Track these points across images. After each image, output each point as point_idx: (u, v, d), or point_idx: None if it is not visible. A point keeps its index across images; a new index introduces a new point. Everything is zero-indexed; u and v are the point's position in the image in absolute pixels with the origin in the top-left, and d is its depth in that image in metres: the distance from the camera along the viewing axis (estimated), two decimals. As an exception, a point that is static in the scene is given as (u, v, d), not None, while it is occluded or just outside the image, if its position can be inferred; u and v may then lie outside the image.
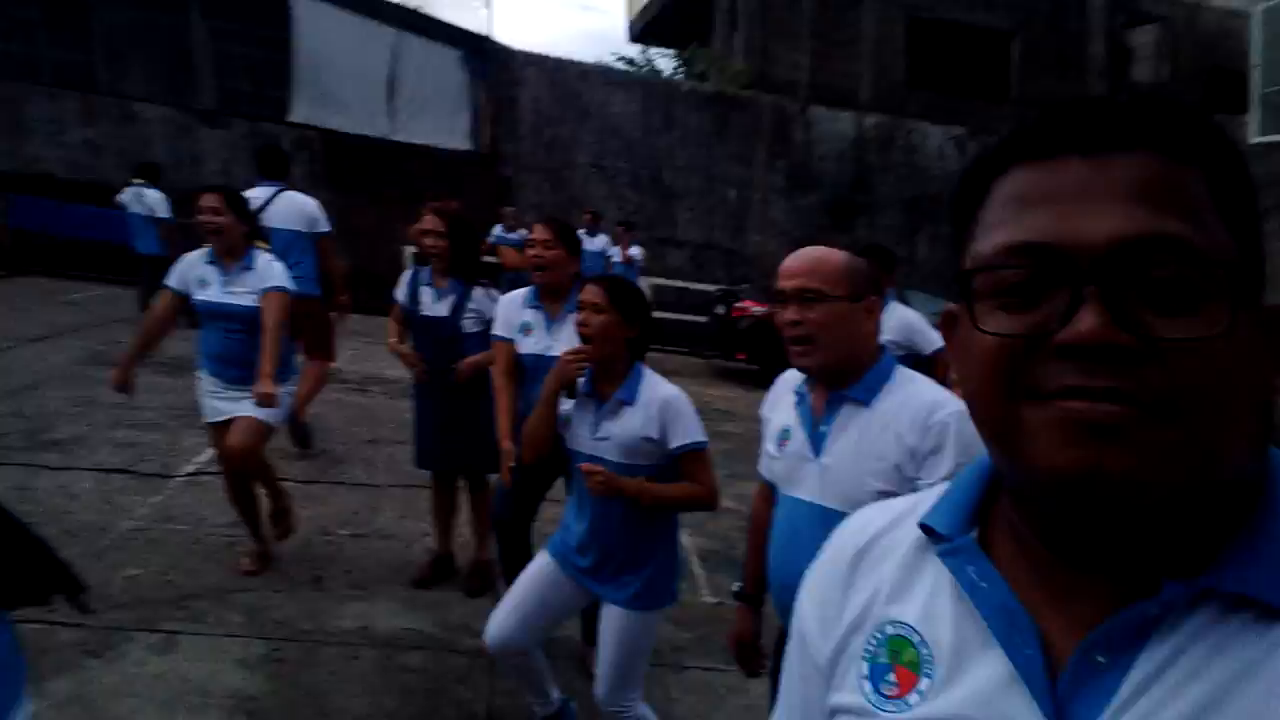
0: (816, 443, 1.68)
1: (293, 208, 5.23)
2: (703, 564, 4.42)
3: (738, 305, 10.02)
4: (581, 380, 2.36)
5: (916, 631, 0.65)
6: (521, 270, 10.28)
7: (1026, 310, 0.54)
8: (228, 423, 3.45)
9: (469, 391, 3.50)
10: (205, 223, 3.38)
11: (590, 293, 2.28)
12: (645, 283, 11.43)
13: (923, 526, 0.68)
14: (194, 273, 3.46)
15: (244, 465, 3.46)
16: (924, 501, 0.71)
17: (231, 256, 3.44)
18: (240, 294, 3.41)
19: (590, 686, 2.46)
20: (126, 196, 8.84)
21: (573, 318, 2.96)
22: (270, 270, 3.48)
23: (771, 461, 1.83)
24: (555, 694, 2.64)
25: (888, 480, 1.58)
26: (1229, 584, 0.53)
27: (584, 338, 2.27)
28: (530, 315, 3.11)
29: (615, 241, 10.52)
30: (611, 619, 2.32)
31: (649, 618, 2.33)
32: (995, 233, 0.57)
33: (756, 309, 9.94)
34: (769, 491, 1.93)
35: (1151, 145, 0.53)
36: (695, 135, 12.82)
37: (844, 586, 0.72)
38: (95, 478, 4.37)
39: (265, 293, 3.41)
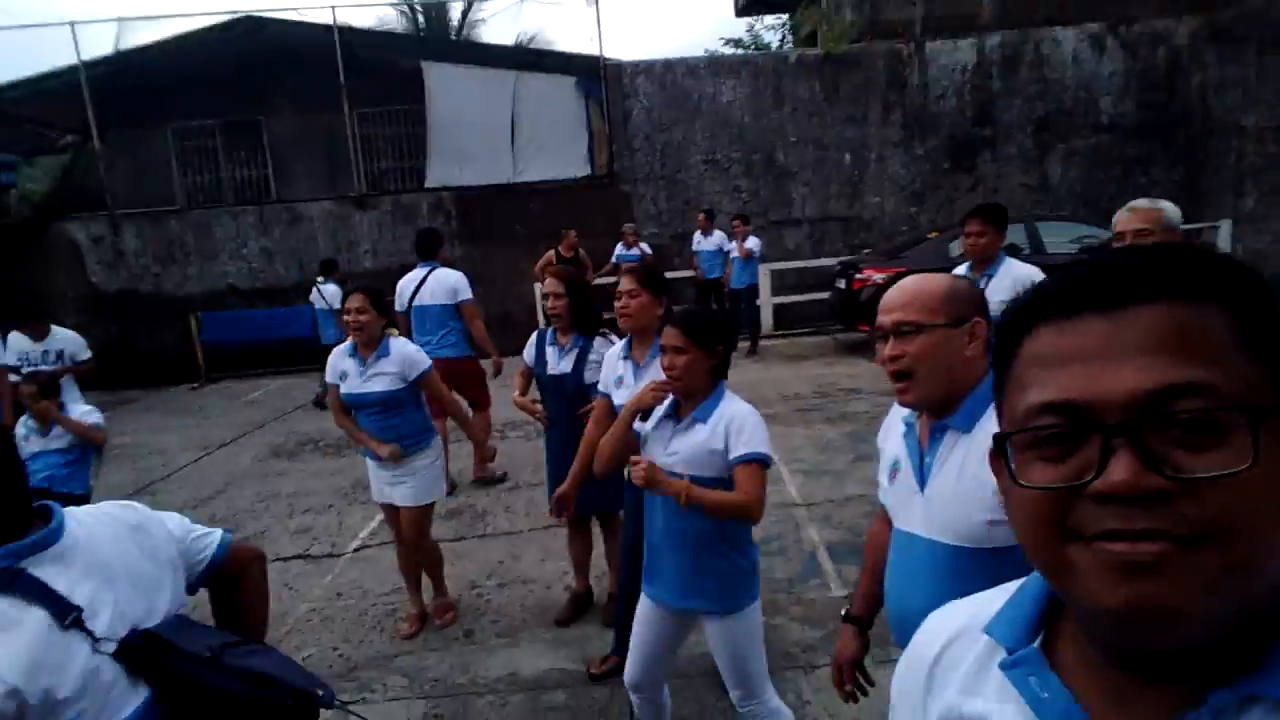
0: (922, 475, 1.65)
1: (442, 284, 5.98)
2: (830, 556, 4.36)
3: (859, 276, 9.74)
4: (664, 404, 2.47)
5: None
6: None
7: (1063, 461, 0.59)
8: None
9: None
10: (350, 322, 3.72)
11: (670, 336, 2.35)
12: (765, 269, 11.34)
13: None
14: (340, 366, 3.83)
15: (419, 552, 3.94)
16: (995, 602, 0.76)
17: (369, 349, 3.76)
18: (375, 379, 3.74)
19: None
20: (314, 294, 9.77)
21: (657, 362, 3.09)
22: (409, 356, 3.80)
23: (884, 494, 1.83)
24: None
25: (990, 509, 1.51)
26: (1272, 689, 0.56)
27: (673, 378, 2.36)
28: (622, 367, 3.21)
29: (731, 236, 10.51)
30: (713, 632, 2.44)
31: (741, 618, 2.41)
32: (1028, 393, 0.61)
33: (878, 276, 9.62)
34: (885, 516, 1.91)
35: (1167, 295, 0.57)
36: (806, 105, 12.56)
37: (925, 688, 0.78)
38: (276, 568, 4.87)
39: (420, 378, 3.78)
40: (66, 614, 1.33)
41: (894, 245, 11.13)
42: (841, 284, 10.21)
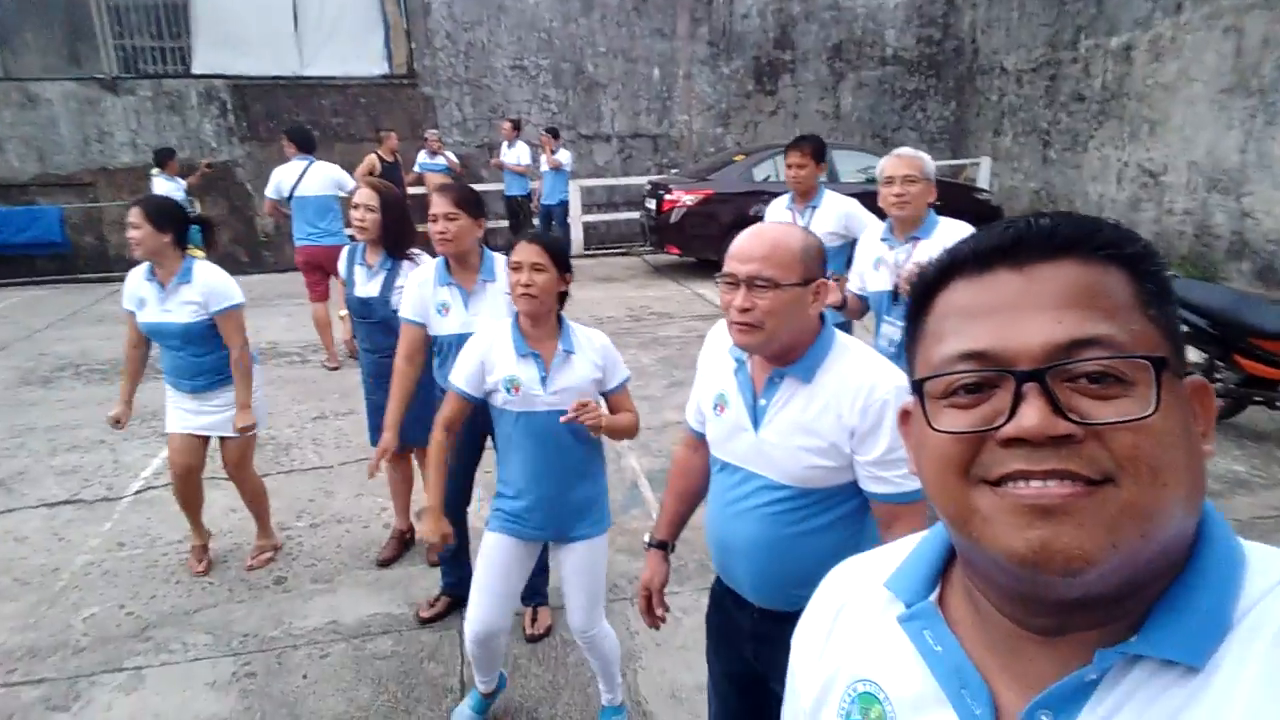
0: (755, 415, 1.68)
1: (325, 176, 6.69)
2: (651, 485, 4.50)
3: (668, 198, 9.85)
4: (515, 341, 2.39)
5: (883, 689, 0.72)
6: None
7: (973, 408, 0.61)
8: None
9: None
10: (129, 238, 3.27)
11: (530, 253, 2.30)
12: (574, 185, 11.18)
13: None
14: (138, 291, 3.40)
15: (240, 485, 3.76)
16: (896, 557, 0.78)
17: (167, 272, 3.34)
18: (177, 309, 3.34)
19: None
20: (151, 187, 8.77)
21: (491, 287, 3.00)
22: (214, 286, 3.38)
23: (703, 423, 1.86)
24: (498, 670, 2.75)
25: (823, 456, 1.60)
26: (1153, 649, 0.59)
27: (528, 294, 2.29)
28: (446, 293, 3.04)
29: (541, 149, 10.19)
30: (575, 555, 2.51)
31: (601, 541, 2.55)
32: (944, 343, 0.64)
33: (687, 198, 9.79)
34: (695, 441, 1.97)
35: (1076, 256, 0.61)
36: (614, 14, 12.27)
37: (823, 642, 0.80)
38: (42, 514, 4.32)
39: (223, 313, 3.37)
40: None
41: (701, 167, 11.32)
42: (651, 205, 10.29)
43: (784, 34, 12.96)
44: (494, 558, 2.52)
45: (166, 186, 8.64)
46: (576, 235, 11.72)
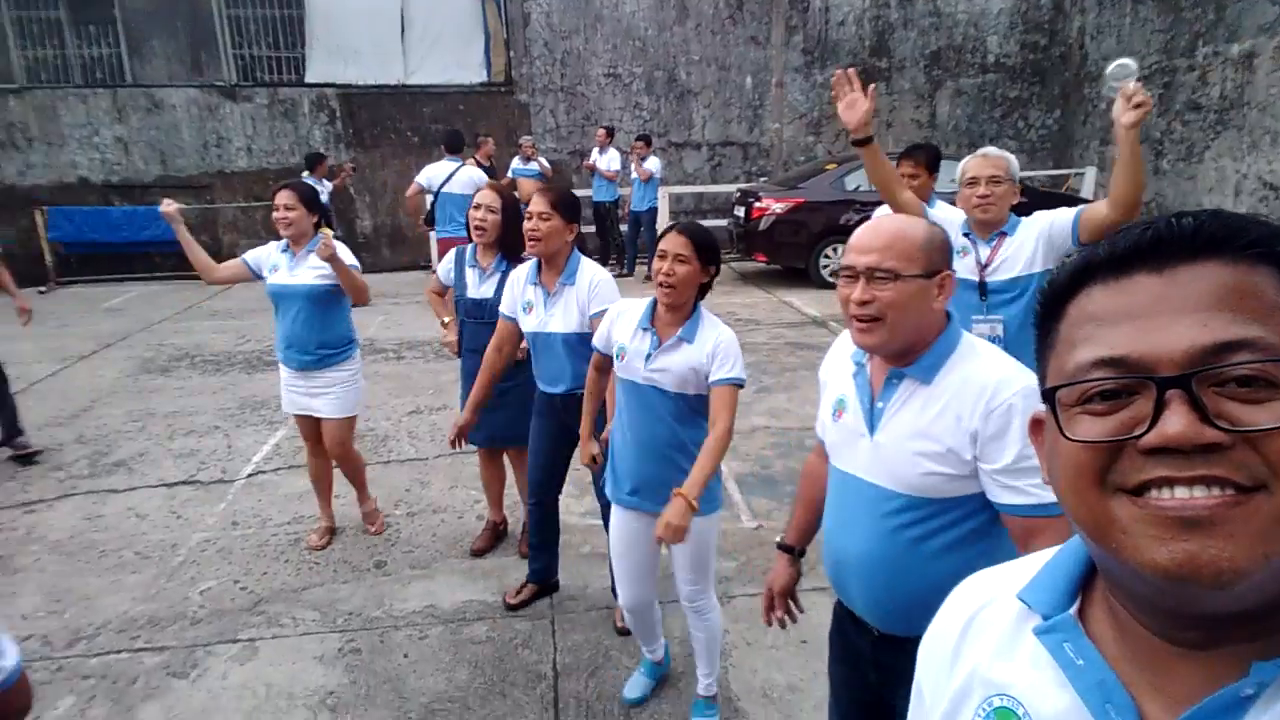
0: (872, 419, 1.61)
1: (469, 178, 7.69)
2: (740, 488, 4.49)
3: (758, 205, 9.81)
4: (644, 314, 2.47)
5: (1021, 703, 0.69)
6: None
7: (1110, 414, 0.59)
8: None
9: (510, 368, 3.55)
10: (279, 218, 3.60)
11: (675, 243, 2.34)
12: (664, 193, 11.26)
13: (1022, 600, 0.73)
14: (271, 259, 3.71)
15: (343, 464, 4.00)
16: (1029, 569, 0.75)
17: (299, 244, 3.65)
18: (304, 272, 3.63)
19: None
20: None
21: (569, 290, 3.06)
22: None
23: (824, 429, 1.80)
24: (662, 639, 2.92)
25: (940, 462, 1.51)
26: None
27: (668, 285, 2.35)
28: (531, 292, 3.13)
29: (632, 156, 10.32)
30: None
31: (709, 520, 2.55)
32: (1079, 350, 0.62)
33: (777, 206, 9.73)
34: (824, 450, 1.89)
35: (1219, 256, 0.58)
36: (709, 22, 12.33)
37: (953, 654, 0.78)
38: (161, 493, 4.58)
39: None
40: None
41: (792, 175, 11.24)
42: (740, 212, 10.26)
43: (880, 41, 12.78)
44: (617, 532, 2.66)
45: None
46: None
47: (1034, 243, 3.04)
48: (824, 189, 9.81)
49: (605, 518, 2.92)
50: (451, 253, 3.83)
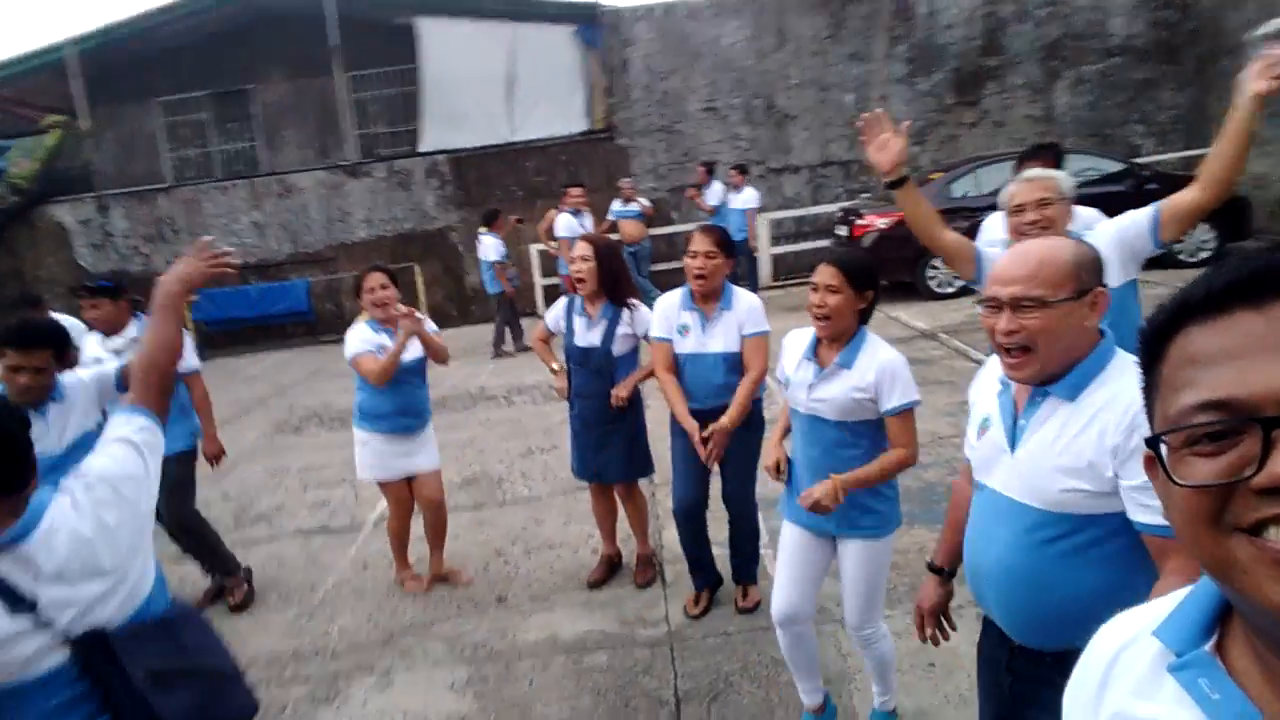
0: (1014, 436, 1.60)
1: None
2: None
3: (860, 223, 9.70)
4: (809, 345, 2.50)
5: None
6: (639, 243, 10.47)
7: (1219, 455, 0.58)
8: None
9: (619, 408, 3.67)
10: (382, 298, 3.78)
11: (826, 274, 2.36)
12: (763, 219, 11.31)
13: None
14: (372, 342, 3.81)
15: (441, 511, 4.13)
16: (1168, 607, 0.74)
17: (390, 320, 3.84)
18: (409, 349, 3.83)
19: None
20: (478, 245, 9.71)
21: (727, 315, 3.26)
22: None
23: (970, 449, 1.79)
24: (820, 683, 2.78)
25: (1080, 478, 1.48)
26: None
27: (820, 317, 2.38)
28: (688, 317, 3.34)
29: (730, 186, 10.48)
30: (850, 552, 2.53)
31: (882, 544, 2.52)
32: (1181, 395, 0.61)
33: (880, 222, 9.59)
34: (970, 471, 1.88)
35: None
36: (809, 44, 12.34)
37: (1096, 699, 0.77)
38: (298, 541, 4.87)
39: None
40: (19, 604, 1.45)
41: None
42: (842, 231, 10.16)
43: (991, 39, 12.43)
44: (785, 544, 2.66)
45: (491, 243, 9.34)
46: (764, 268, 11.78)
47: (1107, 254, 2.87)
48: (930, 199, 9.57)
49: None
50: (561, 301, 3.92)
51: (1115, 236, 2.75)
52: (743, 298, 3.33)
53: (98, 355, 3.88)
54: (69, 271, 12.26)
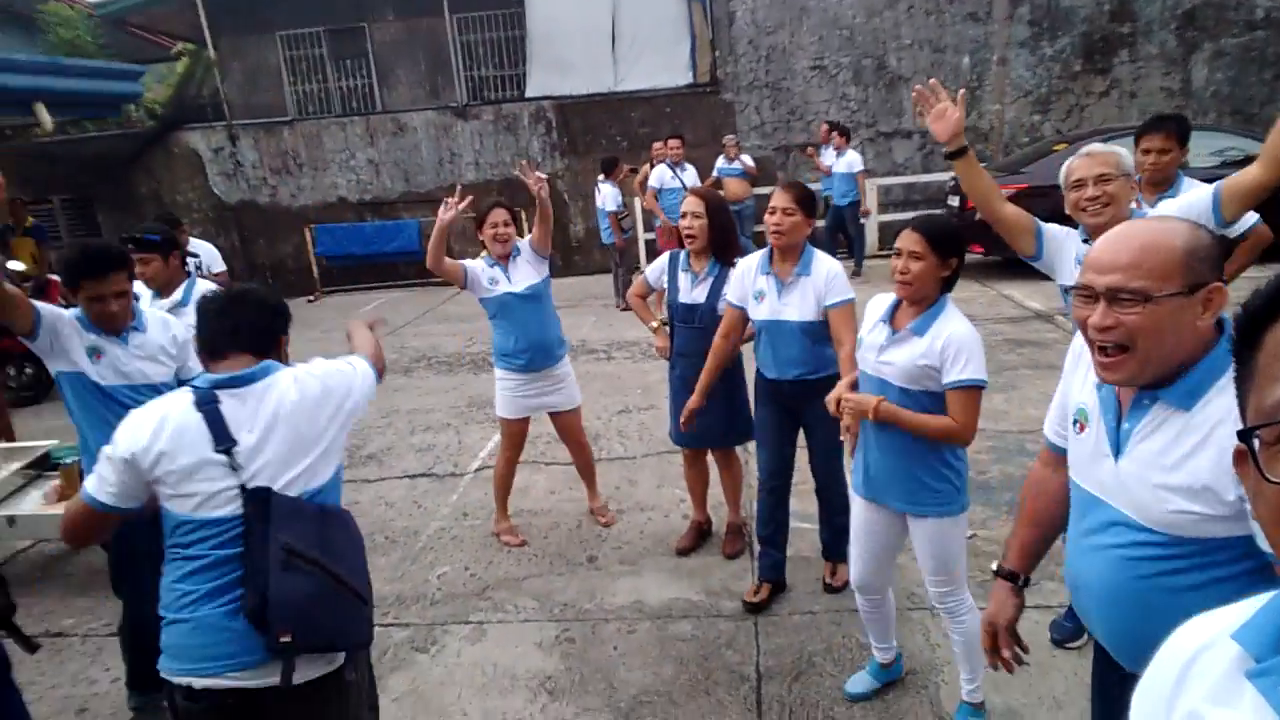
0: (1117, 441, 1.43)
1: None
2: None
3: (975, 193, 9.23)
4: (886, 309, 2.50)
5: None
6: (743, 201, 10.28)
7: None
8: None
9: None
10: (500, 234, 3.91)
11: (909, 240, 2.35)
12: (872, 184, 10.92)
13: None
14: (485, 275, 3.97)
15: (585, 450, 4.38)
16: (1249, 611, 0.72)
17: (507, 257, 4.01)
18: (524, 278, 4.03)
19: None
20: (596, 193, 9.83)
21: (804, 280, 3.16)
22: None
23: (1063, 438, 1.67)
24: (894, 643, 2.91)
25: (1193, 500, 1.32)
26: None
27: (903, 282, 2.38)
28: (763, 282, 3.24)
29: (829, 146, 10.14)
30: (921, 530, 2.54)
31: (948, 523, 2.51)
32: (1276, 385, 0.59)
33: (997, 192, 9.11)
34: (1054, 458, 1.75)
35: None
36: (923, 3, 11.80)
37: (1169, 702, 0.75)
38: (405, 484, 5.12)
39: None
40: (223, 442, 1.78)
41: (1015, 158, 10.48)
42: (954, 202, 9.73)
43: (1122, 4, 11.57)
44: (856, 519, 2.70)
45: (610, 192, 9.42)
46: (871, 236, 11.41)
47: None
48: (1052, 172, 8.91)
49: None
50: (664, 256, 3.91)
51: (1177, 216, 2.57)
52: (822, 262, 3.17)
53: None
54: (204, 198, 13.01)
